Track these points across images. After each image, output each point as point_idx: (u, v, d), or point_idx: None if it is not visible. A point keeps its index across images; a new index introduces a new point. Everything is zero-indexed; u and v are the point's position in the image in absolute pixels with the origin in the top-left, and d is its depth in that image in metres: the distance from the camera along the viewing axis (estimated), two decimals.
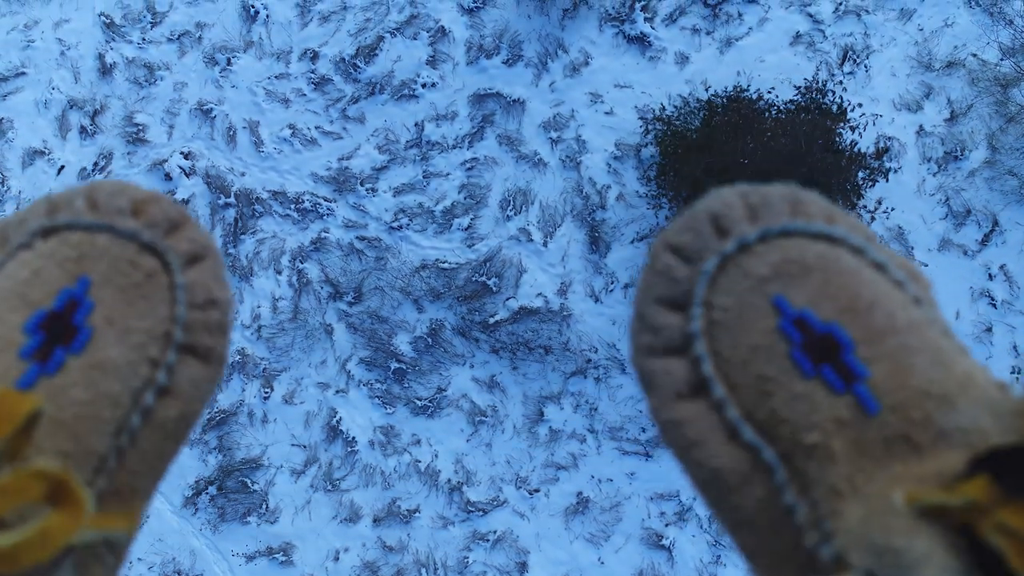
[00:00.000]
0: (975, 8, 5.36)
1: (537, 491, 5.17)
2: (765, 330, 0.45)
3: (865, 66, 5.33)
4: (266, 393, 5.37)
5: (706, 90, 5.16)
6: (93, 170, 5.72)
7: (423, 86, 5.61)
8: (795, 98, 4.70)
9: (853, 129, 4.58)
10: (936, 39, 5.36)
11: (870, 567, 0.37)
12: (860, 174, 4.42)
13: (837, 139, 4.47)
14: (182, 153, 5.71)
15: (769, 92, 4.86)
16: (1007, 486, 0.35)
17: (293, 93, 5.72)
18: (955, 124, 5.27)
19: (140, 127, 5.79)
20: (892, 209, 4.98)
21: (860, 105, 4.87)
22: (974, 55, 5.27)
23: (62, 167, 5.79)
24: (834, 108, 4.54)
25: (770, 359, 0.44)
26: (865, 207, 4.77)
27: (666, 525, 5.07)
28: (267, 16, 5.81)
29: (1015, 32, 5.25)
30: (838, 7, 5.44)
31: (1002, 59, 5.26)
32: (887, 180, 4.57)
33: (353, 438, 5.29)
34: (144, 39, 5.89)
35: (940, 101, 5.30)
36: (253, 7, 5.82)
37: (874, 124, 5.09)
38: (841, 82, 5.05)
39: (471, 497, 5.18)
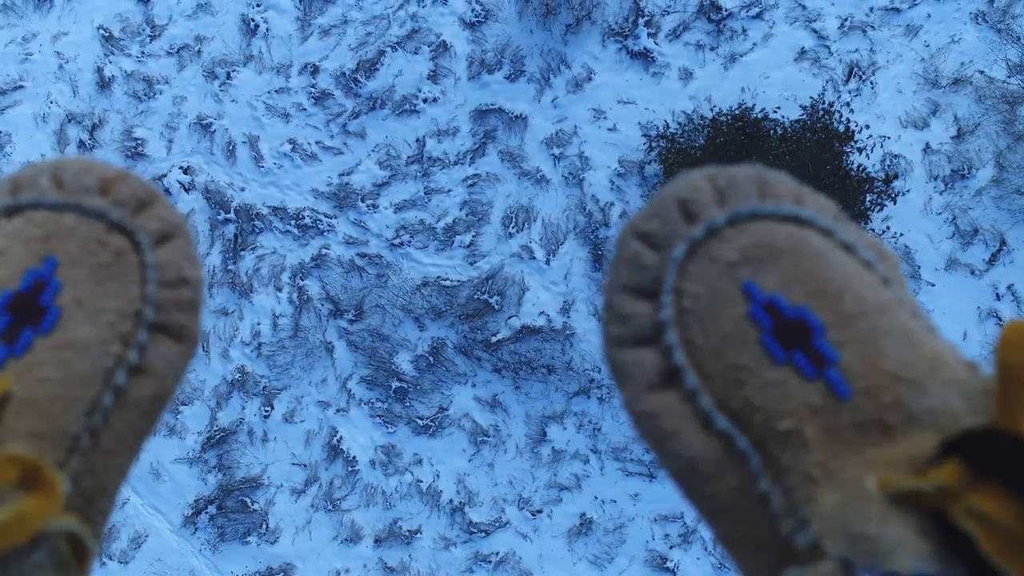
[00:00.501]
0: (982, 25, 5.31)
1: (540, 512, 5.12)
2: (736, 317, 0.45)
3: (871, 83, 5.28)
4: (266, 412, 5.33)
5: (711, 109, 5.11)
6: None
7: (424, 101, 5.57)
8: (802, 117, 4.66)
9: (860, 151, 4.53)
10: (943, 56, 5.31)
11: (845, 554, 0.37)
12: (868, 198, 4.37)
13: (845, 161, 4.43)
14: (181, 168, 5.66)
15: (775, 111, 4.81)
16: (977, 469, 0.35)
17: (293, 107, 5.67)
18: (962, 142, 5.22)
19: (139, 141, 5.74)
20: (901, 235, 4.94)
21: (867, 127, 4.81)
22: (981, 72, 5.21)
23: None
24: (840, 128, 4.49)
25: (742, 346, 0.44)
26: (873, 231, 4.73)
27: (670, 547, 5.03)
28: (267, 30, 5.76)
29: (1023, 50, 5.20)
30: (843, 23, 5.39)
31: (1009, 76, 5.20)
32: (895, 203, 4.53)
33: (354, 457, 5.25)
34: (143, 52, 5.85)
35: (947, 118, 5.24)
36: (253, 20, 5.77)
37: (881, 146, 5.04)
38: (848, 104, 5.00)
39: (473, 518, 5.14)
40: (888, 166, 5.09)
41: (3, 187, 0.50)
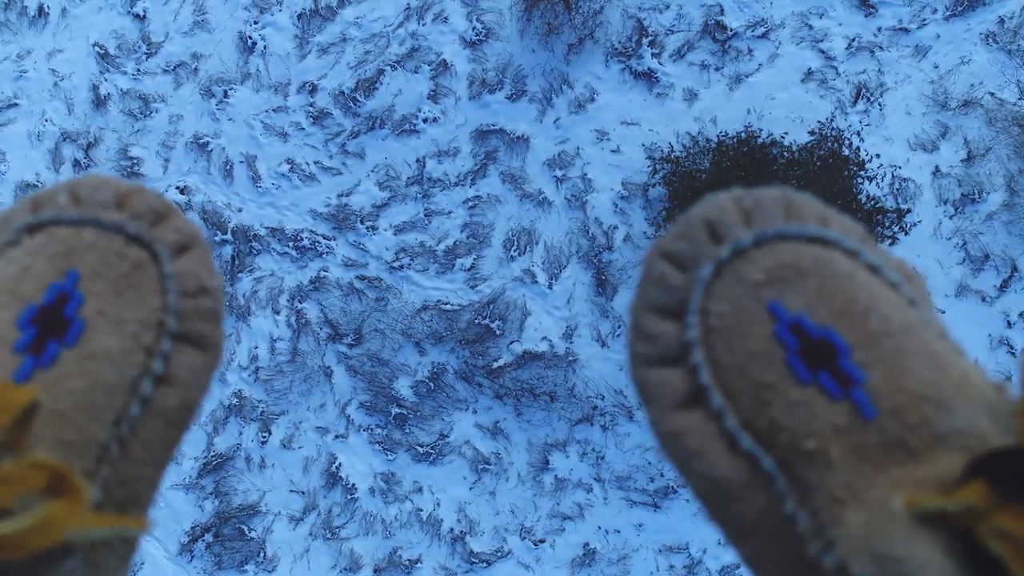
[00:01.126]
0: (992, 46, 5.21)
1: (542, 542, 5.04)
2: (762, 336, 0.45)
3: (879, 104, 5.18)
4: (264, 437, 5.24)
5: (717, 136, 5.02)
6: None
7: (424, 121, 5.48)
8: (809, 142, 4.56)
9: (870, 180, 4.44)
10: (952, 77, 5.22)
11: (872, 575, 0.36)
12: (879, 230, 4.29)
13: (855, 189, 4.34)
14: (178, 187, 5.58)
15: (782, 136, 4.72)
16: (1005, 489, 0.35)
17: (291, 127, 5.59)
18: (972, 165, 5.12)
19: (135, 160, 5.66)
20: (914, 268, 4.84)
21: (878, 156, 4.72)
22: (991, 94, 5.12)
23: None
24: (849, 154, 4.40)
25: (767, 366, 0.44)
26: None
27: None
28: (265, 47, 5.67)
29: None
30: (851, 43, 5.29)
31: (1020, 99, 5.11)
32: (907, 234, 4.44)
33: (353, 485, 5.16)
34: (139, 70, 5.76)
35: (957, 141, 5.15)
36: (250, 38, 5.69)
37: (893, 175, 4.94)
38: (859, 133, 4.90)
39: (474, 547, 5.06)
40: (897, 190, 5.00)
41: (25, 206, 0.52)
